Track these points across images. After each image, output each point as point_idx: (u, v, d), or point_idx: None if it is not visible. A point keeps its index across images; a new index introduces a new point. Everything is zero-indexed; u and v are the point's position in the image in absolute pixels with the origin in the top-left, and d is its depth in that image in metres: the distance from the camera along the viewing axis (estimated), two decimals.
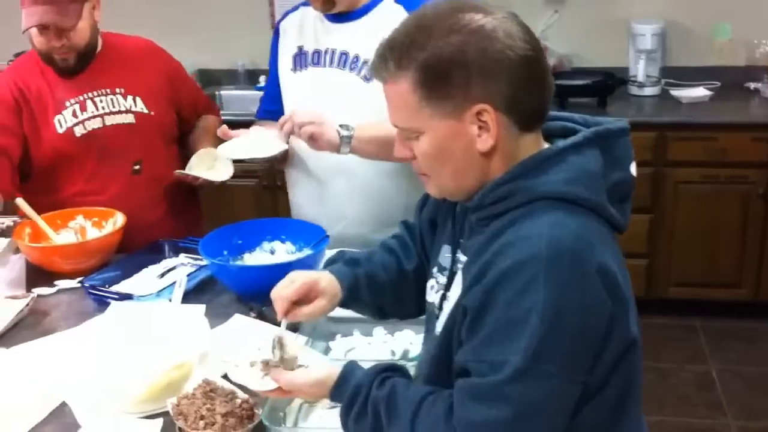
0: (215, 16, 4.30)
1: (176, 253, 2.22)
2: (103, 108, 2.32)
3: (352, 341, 1.75)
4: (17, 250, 2.23)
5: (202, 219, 2.63)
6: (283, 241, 2.13)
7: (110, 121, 2.33)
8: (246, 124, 2.22)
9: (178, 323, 1.72)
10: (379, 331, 1.78)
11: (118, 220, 2.23)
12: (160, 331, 1.67)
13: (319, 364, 1.42)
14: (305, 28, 2.14)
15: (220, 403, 1.50)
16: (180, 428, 1.48)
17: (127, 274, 2.11)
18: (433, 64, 1.20)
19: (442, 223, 1.45)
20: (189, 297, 1.92)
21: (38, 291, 2.01)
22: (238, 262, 2.07)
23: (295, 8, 2.21)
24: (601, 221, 1.24)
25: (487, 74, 1.19)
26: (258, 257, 2.11)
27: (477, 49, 1.19)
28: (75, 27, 2.20)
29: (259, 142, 2.04)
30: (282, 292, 1.46)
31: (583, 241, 1.17)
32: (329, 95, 2.07)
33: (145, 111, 2.36)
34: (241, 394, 1.54)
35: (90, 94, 2.32)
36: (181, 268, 2.14)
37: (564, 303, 1.14)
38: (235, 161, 2.22)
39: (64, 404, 1.60)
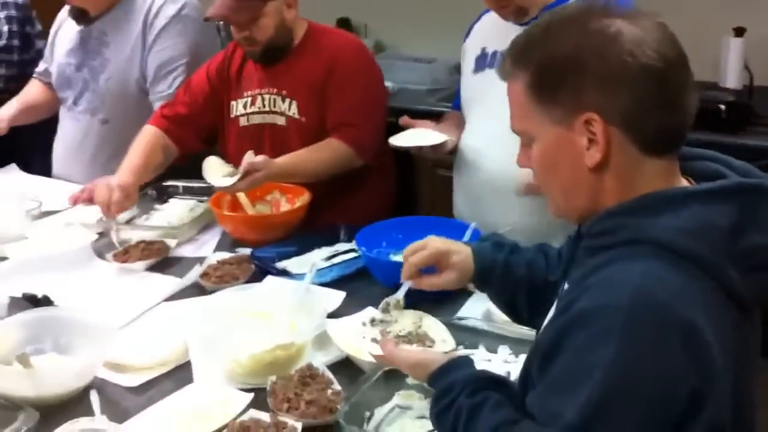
0: None
1: (350, 239, 2.26)
2: (265, 106, 2.43)
3: (473, 354, 1.68)
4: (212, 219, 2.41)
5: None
6: None
7: (268, 119, 2.44)
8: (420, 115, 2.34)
9: (306, 305, 1.76)
10: (504, 350, 1.69)
11: (305, 198, 2.33)
12: (286, 311, 1.74)
13: (434, 349, 1.44)
14: (491, 30, 2.17)
15: (311, 390, 1.52)
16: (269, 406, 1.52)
17: (301, 251, 2.19)
18: (546, 64, 1.12)
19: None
20: (342, 283, 1.97)
21: (217, 255, 2.16)
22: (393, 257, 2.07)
23: (486, 11, 2.22)
24: (716, 287, 1.06)
25: (603, 81, 1.09)
26: None
27: (594, 52, 1.09)
28: (251, 22, 2.27)
29: (423, 135, 2.16)
30: (411, 257, 1.44)
31: (678, 300, 1.01)
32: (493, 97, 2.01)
33: (296, 117, 2.40)
34: (336, 386, 1.55)
35: (263, 91, 2.44)
36: (349, 253, 2.18)
37: (635, 365, 1.00)
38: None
39: (188, 362, 1.70)
